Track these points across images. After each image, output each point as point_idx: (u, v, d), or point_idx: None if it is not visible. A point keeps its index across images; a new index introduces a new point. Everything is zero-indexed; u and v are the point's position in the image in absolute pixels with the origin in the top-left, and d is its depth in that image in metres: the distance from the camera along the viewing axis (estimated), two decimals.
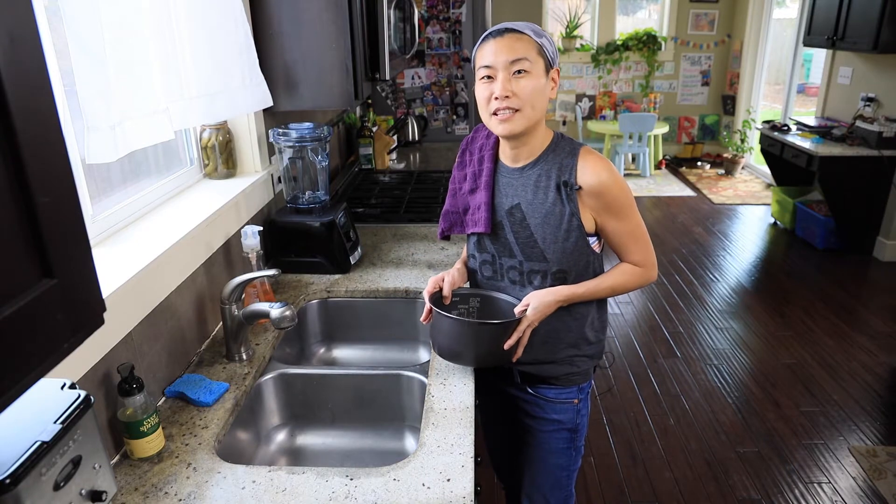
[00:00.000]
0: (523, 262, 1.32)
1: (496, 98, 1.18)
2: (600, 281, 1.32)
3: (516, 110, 1.19)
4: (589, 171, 1.23)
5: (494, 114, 1.20)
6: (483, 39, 1.21)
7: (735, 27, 6.95)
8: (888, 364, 3.19)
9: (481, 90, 1.21)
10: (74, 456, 0.83)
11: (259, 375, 1.41)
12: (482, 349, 1.29)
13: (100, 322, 0.59)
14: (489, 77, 1.19)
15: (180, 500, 1.01)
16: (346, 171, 2.88)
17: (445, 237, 1.48)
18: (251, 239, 1.54)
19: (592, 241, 1.31)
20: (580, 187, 1.23)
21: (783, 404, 2.88)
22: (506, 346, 1.27)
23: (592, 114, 7.27)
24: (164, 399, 1.27)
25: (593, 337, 1.42)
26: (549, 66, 1.21)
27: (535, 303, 1.28)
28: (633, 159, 6.86)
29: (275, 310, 1.29)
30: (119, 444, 1.12)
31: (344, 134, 3.10)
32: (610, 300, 3.89)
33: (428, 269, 1.87)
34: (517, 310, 1.30)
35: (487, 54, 1.19)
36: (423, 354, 1.75)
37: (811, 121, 5.02)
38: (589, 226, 1.27)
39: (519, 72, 1.17)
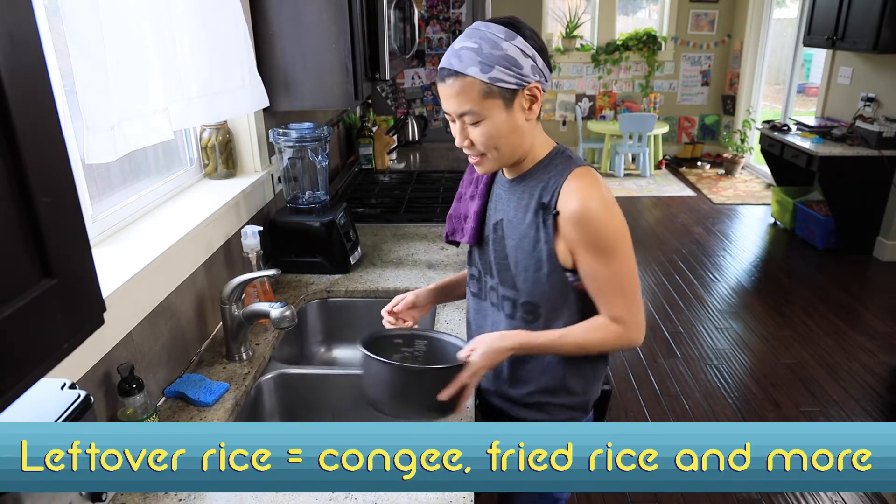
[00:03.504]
0: (498, 286, 1.19)
1: (459, 146, 1.09)
2: (565, 333, 1.12)
3: (482, 155, 1.08)
4: (573, 197, 1.05)
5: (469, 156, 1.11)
6: (437, 76, 1.08)
7: (735, 27, 6.95)
8: (888, 364, 3.19)
9: (452, 129, 1.11)
10: None
11: (259, 375, 1.41)
12: (417, 400, 1.09)
13: (100, 322, 0.59)
14: (452, 120, 1.08)
15: (180, 500, 1.01)
16: (346, 171, 2.88)
17: (452, 242, 1.35)
18: (251, 239, 1.54)
19: (574, 277, 1.12)
20: (558, 212, 1.06)
21: (783, 404, 2.88)
22: (443, 397, 1.06)
23: (592, 114, 7.27)
24: (164, 399, 1.27)
25: (579, 388, 1.22)
26: (510, 95, 1.02)
27: (483, 348, 1.10)
28: (633, 159, 6.86)
29: (275, 310, 1.29)
30: None
31: (344, 134, 3.10)
32: None
33: (428, 269, 1.87)
34: (461, 354, 1.11)
35: (441, 98, 1.07)
36: None
37: (811, 121, 5.02)
38: (564, 259, 1.09)
39: (472, 123, 1.05)
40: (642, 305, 1.13)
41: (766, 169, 5.81)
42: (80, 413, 0.83)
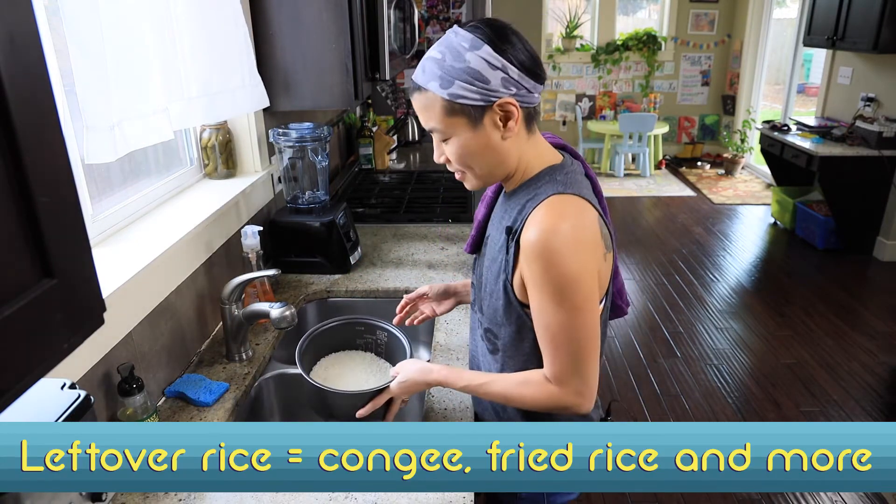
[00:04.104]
0: (474, 303, 1.15)
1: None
2: (491, 381, 1.03)
3: (461, 172, 1.02)
4: (535, 226, 0.93)
5: None
6: None
7: (735, 27, 6.95)
8: (888, 364, 3.19)
9: None
10: None
11: (259, 375, 1.41)
12: (336, 415, 1.17)
13: (100, 322, 0.59)
14: None
15: (180, 500, 1.01)
16: (346, 171, 2.88)
17: None
18: (251, 239, 1.54)
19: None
20: (518, 241, 0.97)
21: (783, 404, 2.88)
22: (359, 415, 1.12)
23: (592, 114, 7.28)
24: (164, 399, 1.27)
25: None
26: (477, 112, 0.92)
27: (404, 376, 1.10)
28: (633, 159, 6.86)
29: (275, 310, 1.29)
30: None
31: (344, 134, 3.10)
32: None
33: (428, 268, 1.87)
34: (391, 372, 1.15)
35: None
36: (423, 354, 1.75)
37: (811, 121, 5.02)
38: (521, 293, 1.00)
39: (442, 140, 0.98)
40: (594, 370, 0.97)
41: (766, 169, 5.81)
42: (80, 413, 0.83)
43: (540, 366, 1.01)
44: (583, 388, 0.97)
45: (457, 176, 1.04)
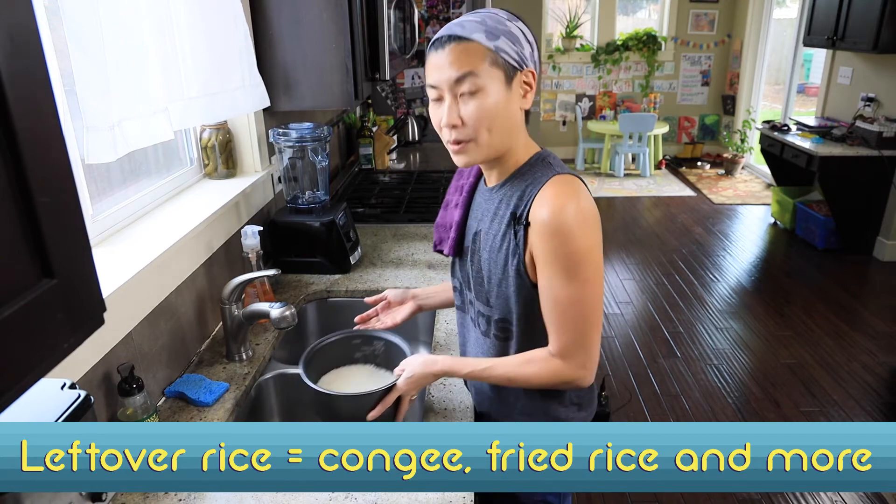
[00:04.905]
0: (474, 301, 1.13)
1: (445, 126, 0.98)
2: (494, 364, 1.06)
3: (470, 140, 0.98)
4: (545, 205, 0.96)
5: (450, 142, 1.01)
6: (429, 48, 0.99)
7: (735, 27, 6.95)
8: (888, 364, 3.19)
9: (433, 113, 1.00)
10: None
11: (259, 375, 1.41)
12: (358, 418, 1.17)
13: (100, 322, 0.59)
14: (438, 99, 0.98)
15: (180, 500, 1.01)
16: (346, 171, 2.88)
17: (439, 251, 1.26)
18: (251, 239, 1.54)
19: None
20: (528, 223, 0.98)
21: (783, 404, 2.88)
22: (369, 418, 1.13)
23: (592, 114, 7.28)
24: (164, 399, 1.27)
25: (563, 415, 1.13)
26: (512, 72, 0.95)
27: (410, 371, 1.12)
28: (633, 159, 6.86)
29: (275, 310, 1.29)
30: None
31: (344, 134, 3.10)
32: (610, 299, 3.89)
33: (428, 269, 1.87)
34: (396, 371, 1.16)
35: (432, 70, 0.97)
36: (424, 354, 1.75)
37: (811, 121, 5.02)
38: (535, 275, 1.01)
39: (470, 92, 0.95)
40: (597, 344, 1.00)
41: (766, 169, 5.81)
42: (80, 413, 0.83)
43: None
44: (586, 361, 1.00)
45: (455, 147, 1.00)
